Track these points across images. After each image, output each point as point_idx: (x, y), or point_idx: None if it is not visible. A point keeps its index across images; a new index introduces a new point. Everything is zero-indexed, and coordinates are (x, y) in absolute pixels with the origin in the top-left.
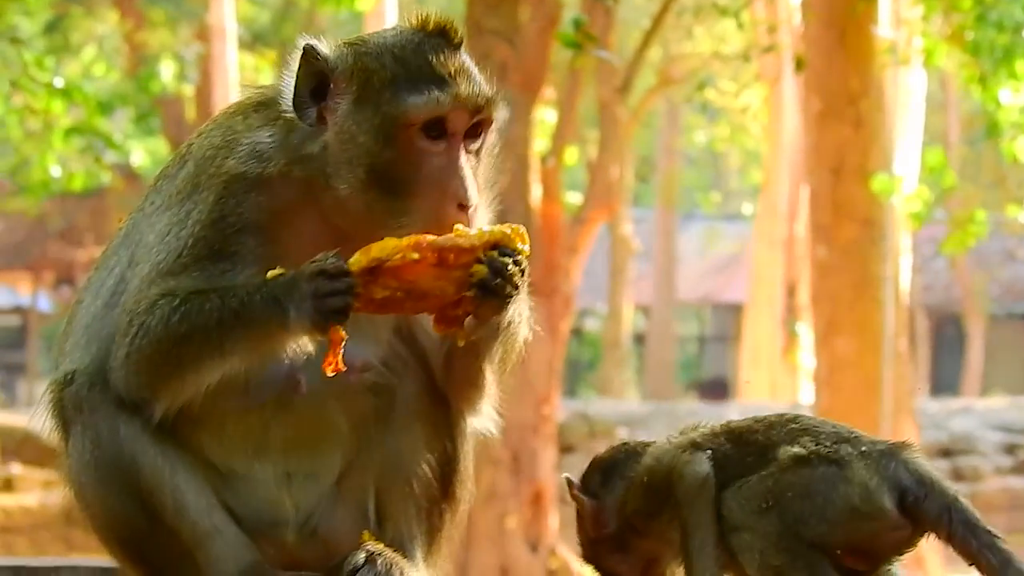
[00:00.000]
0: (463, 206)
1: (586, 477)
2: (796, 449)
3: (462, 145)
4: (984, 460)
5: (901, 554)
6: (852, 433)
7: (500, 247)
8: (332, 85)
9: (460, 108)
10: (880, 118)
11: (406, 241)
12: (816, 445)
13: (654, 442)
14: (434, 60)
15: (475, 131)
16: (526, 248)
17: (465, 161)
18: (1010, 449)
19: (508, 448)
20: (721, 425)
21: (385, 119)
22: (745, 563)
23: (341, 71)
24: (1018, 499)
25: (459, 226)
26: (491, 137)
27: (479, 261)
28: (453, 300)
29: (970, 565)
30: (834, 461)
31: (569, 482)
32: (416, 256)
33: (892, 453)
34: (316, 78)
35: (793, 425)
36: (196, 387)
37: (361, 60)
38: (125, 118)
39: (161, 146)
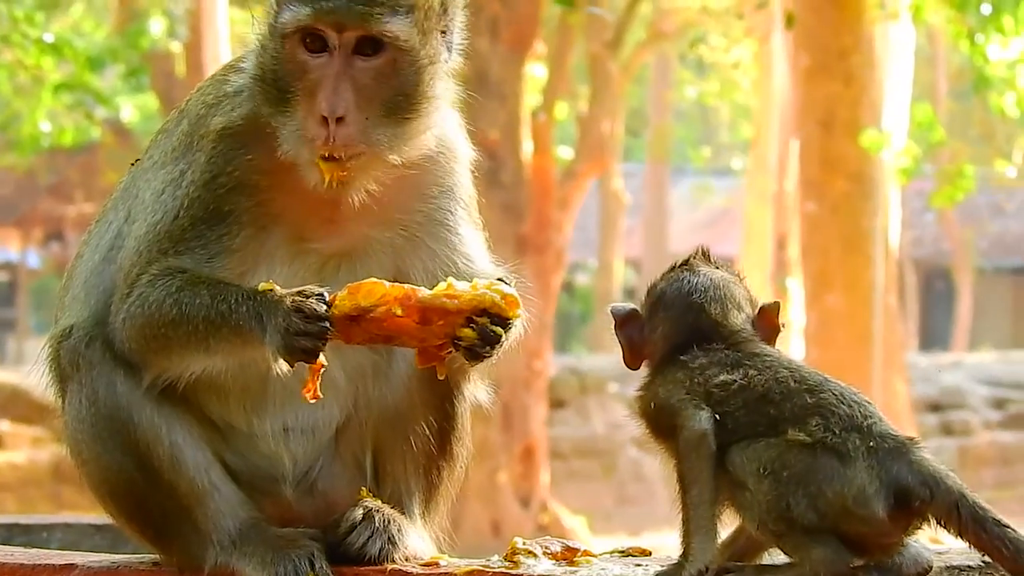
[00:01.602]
0: (325, 119)
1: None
2: (802, 436)
3: (344, 60)
4: (973, 414)
5: (885, 549)
6: (867, 418)
7: (491, 314)
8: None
9: (320, 22)
10: (869, 73)
11: (394, 292)
12: (824, 432)
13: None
14: None
15: (369, 48)
16: (519, 316)
17: (340, 74)
18: (999, 403)
19: (499, 403)
20: (741, 378)
21: (271, 32)
22: (747, 520)
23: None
24: (1007, 453)
25: (452, 280)
26: (403, 55)
27: (468, 323)
28: (435, 345)
29: (983, 555)
30: (838, 454)
31: (615, 315)
32: (400, 312)
33: (899, 452)
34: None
35: (809, 399)
36: (181, 370)
37: None
38: (115, 74)
39: (151, 102)
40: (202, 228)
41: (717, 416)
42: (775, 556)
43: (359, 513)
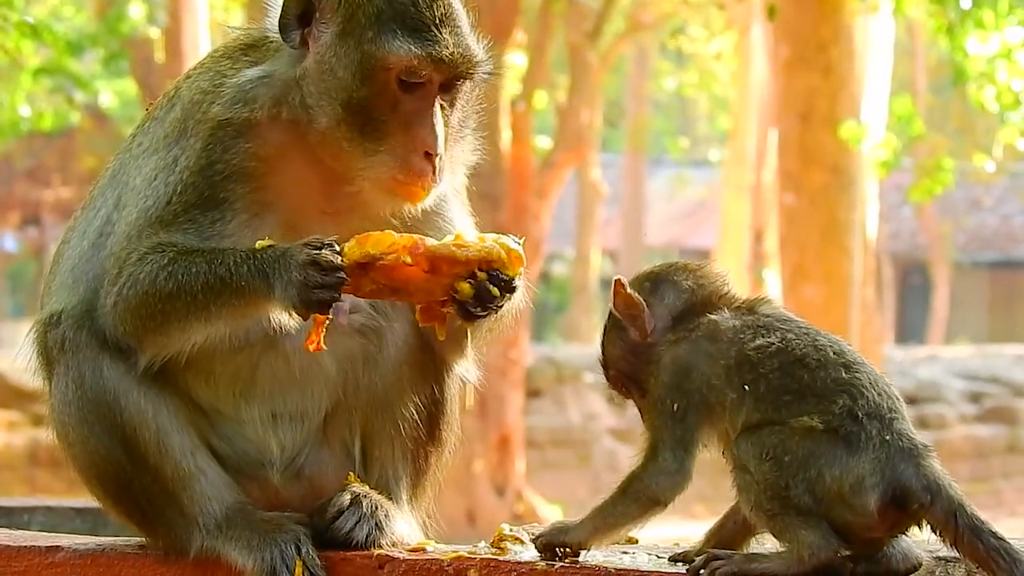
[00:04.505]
0: (429, 155)
1: (634, 284)
2: (814, 422)
3: (437, 95)
4: (949, 408)
5: (866, 544)
6: (892, 412)
7: (492, 269)
8: (318, 12)
9: (437, 71)
10: (849, 66)
11: (403, 241)
12: (845, 415)
13: (697, 264)
14: (422, 4)
15: (453, 82)
16: (520, 272)
17: (438, 110)
18: (975, 397)
19: (475, 392)
20: (778, 340)
21: (364, 58)
22: (742, 501)
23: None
24: (982, 447)
25: (461, 231)
26: (470, 88)
27: (470, 276)
28: (440, 299)
29: (978, 568)
30: (847, 442)
31: (621, 282)
32: (410, 260)
33: (910, 454)
34: (303, 3)
35: (844, 374)
36: (181, 344)
37: None
38: (94, 59)
39: (130, 87)
40: (195, 213)
41: (746, 386)
42: (763, 544)
43: (346, 498)
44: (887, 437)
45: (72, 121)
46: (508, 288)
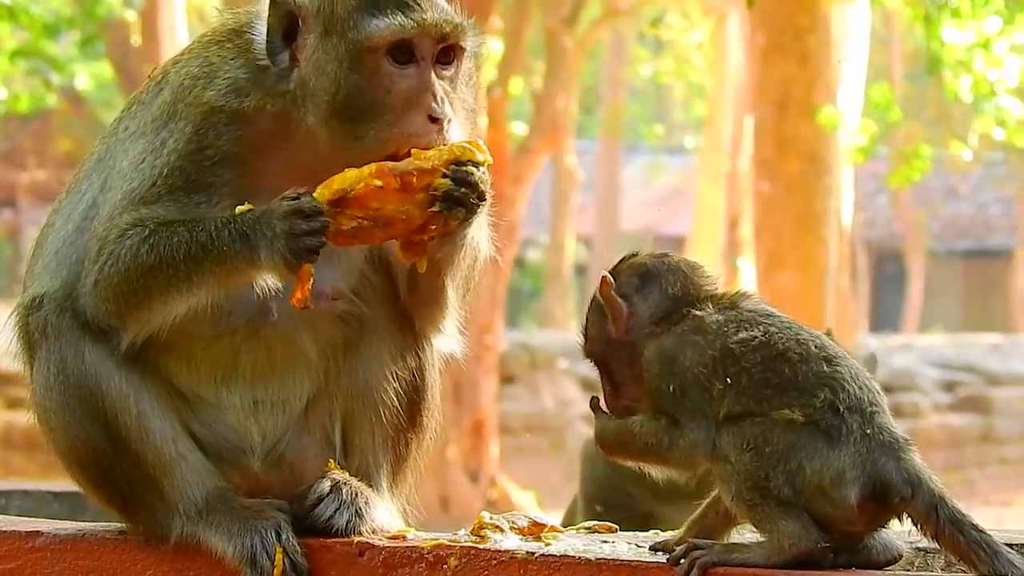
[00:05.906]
0: (435, 119)
1: (621, 276)
2: (795, 414)
3: (432, 69)
4: (923, 397)
5: (845, 537)
6: (872, 405)
7: (460, 161)
8: (301, 24)
9: (424, 34)
10: (825, 54)
11: (367, 169)
12: (827, 408)
13: (691, 265)
14: None
15: (446, 57)
16: (488, 157)
17: (436, 81)
18: (949, 386)
19: (449, 378)
20: (761, 334)
21: (350, 45)
22: (723, 491)
23: (308, 7)
24: (957, 436)
25: (416, 150)
26: (465, 64)
27: (442, 177)
28: (419, 224)
29: (958, 560)
30: (828, 436)
31: (608, 281)
32: (379, 182)
33: (891, 448)
34: (285, 21)
35: (826, 368)
36: (163, 317)
37: None
38: (70, 41)
39: (106, 70)
40: (179, 195)
41: (729, 379)
42: (743, 535)
43: (326, 485)
44: (868, 431)
45: (48, 103)
46: (481, 176)
